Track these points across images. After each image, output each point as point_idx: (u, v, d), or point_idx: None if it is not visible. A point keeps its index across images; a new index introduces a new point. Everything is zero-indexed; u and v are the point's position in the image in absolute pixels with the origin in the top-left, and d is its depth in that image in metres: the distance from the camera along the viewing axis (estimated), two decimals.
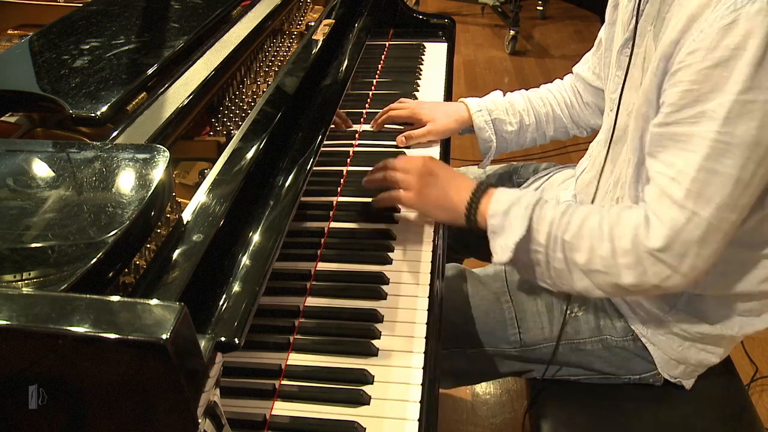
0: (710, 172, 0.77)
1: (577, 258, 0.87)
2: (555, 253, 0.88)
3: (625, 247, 0.83)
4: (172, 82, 0.87)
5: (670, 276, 0.82)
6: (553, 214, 0.90)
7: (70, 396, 0.49)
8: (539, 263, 0.91)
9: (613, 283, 0.85)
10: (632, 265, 0.83)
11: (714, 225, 0.79)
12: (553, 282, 0.92)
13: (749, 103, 0.73)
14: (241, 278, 0.67)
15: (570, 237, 0.87)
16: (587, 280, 0.87)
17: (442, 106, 1.32)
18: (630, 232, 0.83)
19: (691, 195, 0.78)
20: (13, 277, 0.51)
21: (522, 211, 0.90)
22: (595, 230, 0.86)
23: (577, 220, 0.88)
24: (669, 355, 1.01)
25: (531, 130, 1.29)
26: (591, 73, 1.25)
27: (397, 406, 0.77)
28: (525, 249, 0.91)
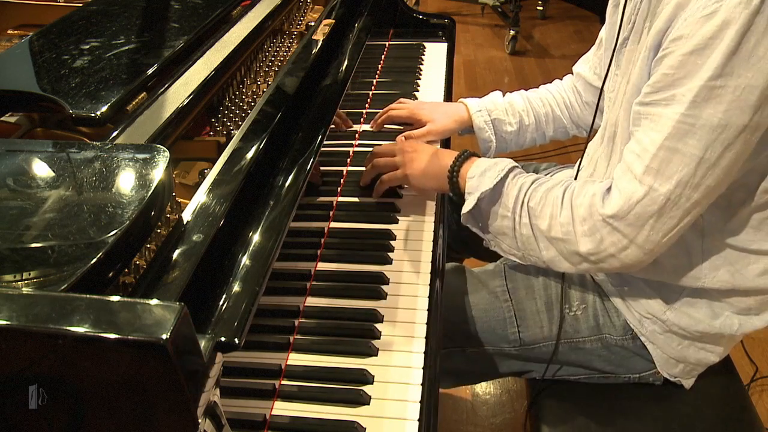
0: (671, 150, 0.79)
1: (540, 224, 0.90)
2: (521, 219, 0.93)
3: (583, 214, 0.87)
4: (172, 82, 0.87)
5: (626, 246, 0.85)
6: (523, 181, 0.95)
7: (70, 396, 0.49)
8: (507, 231, 0.95)
9: (573, 251, 0.88)
10: (589, 232, 0.86)
11: (672, 201, 0.81)
12: (522, 253, 0.95)
13: (718, 88, 0.75)
14: (241, 278, 0.67)
15: (534, 203, 0.92)
16: (553, 249, 0.91)
17: (441, 106, 1.32)
18: (587, 200, 0.87)
19: (650, 171, 0.81)
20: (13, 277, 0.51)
21: (496, 172, 0.95)
22: (557, 198, 0.90)
23: (544, 188, 0.92)
24: (668, 354, 1.02)
25: (531, 130, 1.29)
26: (592, 73, 1.25)
27: (397, 406, 0.77)
28: (493, 211, 0.96)
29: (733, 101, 0.75)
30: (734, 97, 0.75)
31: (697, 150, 0.78)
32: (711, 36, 0.75)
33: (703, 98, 0.76)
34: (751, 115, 0.76)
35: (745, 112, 0.76)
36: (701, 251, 0.93)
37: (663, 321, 0.99)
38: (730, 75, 0.75)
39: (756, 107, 0.76)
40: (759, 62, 0.74)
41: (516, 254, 0.97)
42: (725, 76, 0.75)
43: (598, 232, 0.85)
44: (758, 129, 0.79)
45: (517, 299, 1.08)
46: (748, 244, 0.93)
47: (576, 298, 1.06)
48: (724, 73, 0.75)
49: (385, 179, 1.09)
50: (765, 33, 0.73)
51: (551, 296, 1.07)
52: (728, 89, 0.75)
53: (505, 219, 0.94)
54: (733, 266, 0.93)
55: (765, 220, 0.91)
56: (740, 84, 0.75)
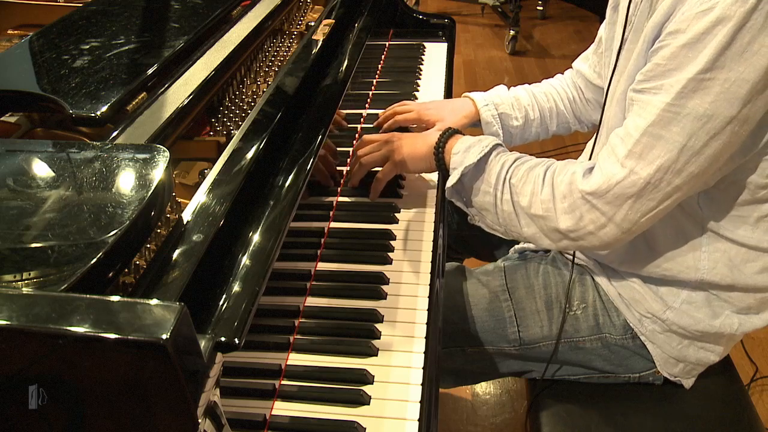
0: (655, 136, 0.81)
1: (522, 201, 0.91)
2: (503, 195, 0.94)
3: (563, 191, 0.88)
4: (172, 82, 0.87)
5: (605, 224, 0.86)
6: (506, 158, 0.96)
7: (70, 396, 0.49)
8: (489, 207, 0.96)
9: (553, 227, 0.89)
10: (569, 209, 0.87)
11: (652, 184, 0.82)
12: (505, 228, 0.97)
13: (707, 80, 0.76)
14: (241, 278, 0.67)
15: (516, 180, 0.93)
16: (533, 225, 0.92)
17: (447, 104, 1.32)
18: (567, 177, 0.88)
19: (632, 155, 0.82)
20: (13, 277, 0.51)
21: (480, 148, 0.96)
22: (539, 176, 0.91)
23: (526, 166, 0.93)
24: (668, 353, 1.02)
25: (535, 125, 1.29)
26: (591, 71, 1.25)
27: (397, 406, 0.77)
28: (476, 187, 0.96)
29: (721, 93, 0.76)
30: (723, 89, 0.76)
31: (680, 137, 0.79)
32: (704, 31, 0.75)
33: (691, 89, 0.77)
34: (740, 108, 0.77)
35: (733, 105, 0.77)
36: (701, 242, 0.94)
37: (663, 320, 0.99)
38: (720, 68, 0.75)
39: (745, 100, 0.76)
40: (752, 57, 0.74)
41: (498, 230, 0.98)
42: (715, 70, 0.76)
43: (578, 209, 0.87)
44: (747, 122, 0.79)
45: (516, 299, 1.08)
46: (746, 241, 0.93)
47: (576, 297, 1.06)
48: (715, 67, 0.76)
49: (379, 177, 1.09)
50: (761, 30, 0.73)
51: (551, 296, 1.07)
52: (717, 81, 0.76)
53: (487, 195, 0.95)
54: (732, 261, 0.94)
55: (763, 217, 0.92)
56: (730, 77, 0.75)
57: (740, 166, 0.87)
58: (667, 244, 0.95)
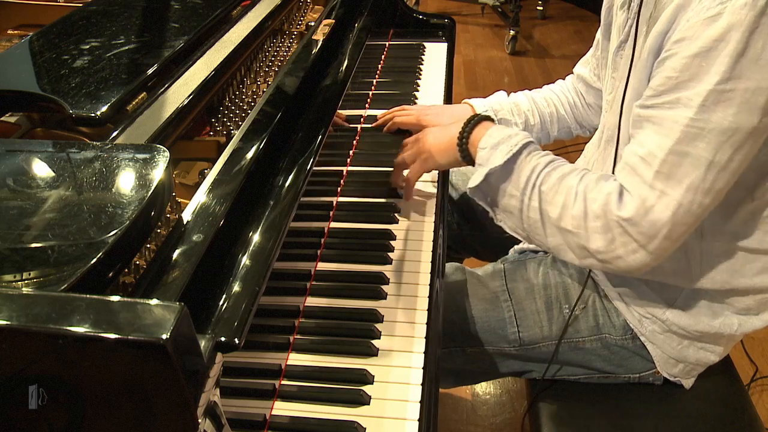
0: (681, 154, 0.78)
1: (551, 211, 0.88)
2: (530, 201, 0.90)
3: (596, 211, 0.85)
4: (172, 82, 0.87)
5: (636, 250, 0.83)
6: (537, 161, 0.91)
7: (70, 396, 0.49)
8: (513, 211, 0.93)
9: (581, 245, 0.87)
10: (601, 230, 0.84)
11: (684, 206, 0.80)
12: (527, 233, 0.93)
13: (727, 91, 0.75)
14: (241, 278, 0.67)
15: (546, 188, 0.89)
16: (560, 237, 0.89)
17: (447, 109, 1.32)
18: (602, 198, 0.85)
19: (660, 176, 0.80)
20: (13, 277, 0.51)
21: (509, 147, 0.92)
22: (571, 188, 0.87)
23: (558, 174, 0.89)
24: (668, 354, 1.02)
25: (536, 130, 1.28)
26: (591, 75, 1.25)
27: (397, 406, 0.77)
28: (502, 189, 0.93)
29: (743, 104, 0.75)
30: (743, 99, 0.74)
31: (706, 153, 0.77)
32: (716, 38, 0.74)
33: (713, 102, 0.75)
34: (760, 117, 0.75)
35: (754, 115, 0.75)
36: (700, 253, 0.93)
37: (663, 321, 0.99)
38: (738, 78, 0.74)
39: (765, 109, 0.75)
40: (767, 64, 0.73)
41: (520, 234, 0.95)
42: (734, 80, 0.74)
43: (611, 232, 0.84)
44: (766, 130, 0.78)
45: (516, 299, 1.08)
46: (746, 243, 0.93)
47: (576, 298, 1.06)
48: (733, 77, 0.74)
49: (408, 176, 1.07)
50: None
51: (551, 296, 1.07)
52: (737, 92, 0.74)
53: (513, 198, 0.92)
54: (731, 265, 0.93)
55: (764, 218, 0.91)
56: (749, 87, 0.74)
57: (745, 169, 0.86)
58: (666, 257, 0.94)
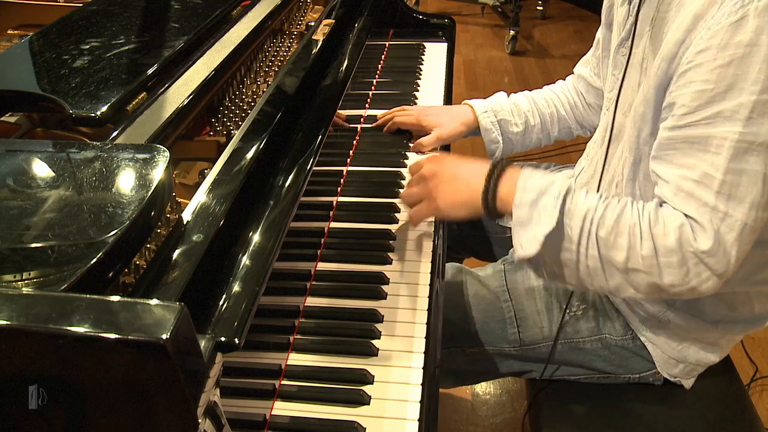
0: (737, 172, 0.76)
1: (616, 256, 0.82)
2: (588, 251, 0.83)
3: (671, 246, 0.79)
4: (172, 82, 0.87)
5: (709, 278, 0.80)
6: (586, 207, 0.84)
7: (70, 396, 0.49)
8: (567, 264, 0.86)
9: (652, 282, 0.82)
10: (676, 264, 0.80)
11: (749, 225, 0.77)
12: (579, 282, 0.87)
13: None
14: (241, 278, 0.67)
15: (605, 233, 0.82)
16: (621, 278, 0.83)
17: (447, 110, 1.32)
18: (674, 231, 0.79)
19: (721, 196, 0.77)
20: (13, 277, 0.51)
21: (552, 201, 0.84)
22: (634, 227, 0.82)
23: (613, 214, 0.83)
24: (668, 354, 1.02)
25: (536, 131, 1.28)
26: (592, 74, 1.25)
27: (397, 406, 0.77)
28: (554, 245, 0.85)
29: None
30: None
31: (759, 166, 0.75)
32: (747, 43, 0.72)
33: (759, 113, 0.73)
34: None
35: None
36: None
37: (663, 321, 0.99)
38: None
39: None
40: None
41: (571, 282, 0.88)
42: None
43: (686, 265, 0.79)
44: None
45: (517, 299, 1.08)
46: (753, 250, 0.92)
47: (576, 298, 1.06)
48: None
49: (411, 215, 0.98)
50: None
51: (551, 296, 1.07)
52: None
53: (567, 252, 0.84)
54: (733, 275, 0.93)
55: None
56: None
57: None
58: None
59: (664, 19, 0.85)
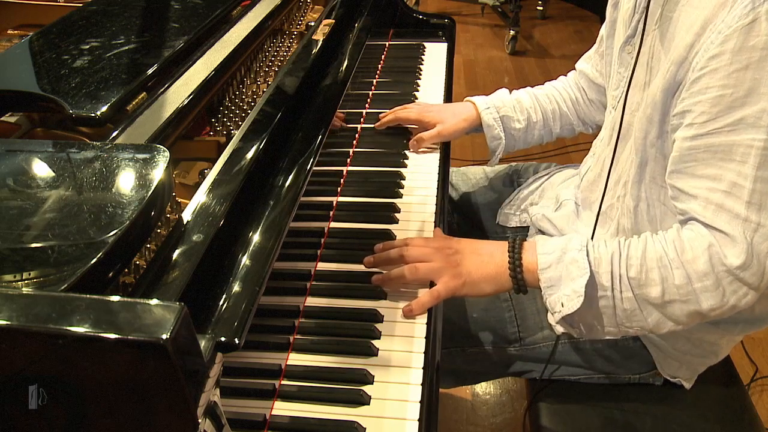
0: (765, 180, 0.74)
1: (651, 292, 0.82)
2: (623, 294, 0.83)
3: (703, 270, 0.79)
4: (172, 82, 0.87)
5: (746, 293, 0.79)
6: (610, 252, 0.85)
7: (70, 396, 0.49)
8: (606, 310, 0.85)
9: (692, 310, 0.81)
10: (711, 287, 0.79)
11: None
12: (619, 328, 0.87)
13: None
14: (241, 278, 0.67)
15: (635, 273, 0.83)
16: (658, 313, 0.83)
17: (449, 107, 1.31)
18: (703, 254, 0.79)
19: (752, 207, 0.75)
20: (13, 277, 0.51)
21: (577, 254, 0.85)
22: (662, 260, 0.81)
23: (637, 252, 0.83)
24: (668, 355, 1.02)
25: (538, 127, 1.28)
26: (594, 71, 1.25)
27: (397, 406, 0.77)
28: (590, 296, 0.84)
29: None
30: None
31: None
32: (763, 47, 0.71)
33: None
34: None
35: None
36: None
37: None
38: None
39: None
40: None
41: (611, 331, 0.88)
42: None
43: (721, 285, 0.79)
44: None
45: (517, 299, 1.08)
46: None
47: None
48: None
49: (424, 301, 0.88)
50: None
51: None
52: None
53: (602, 300, 0.84)
54: None
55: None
56: None
57: None
58: None
59: (671, 19, 0.85)
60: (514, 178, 1.39)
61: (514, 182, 1.38)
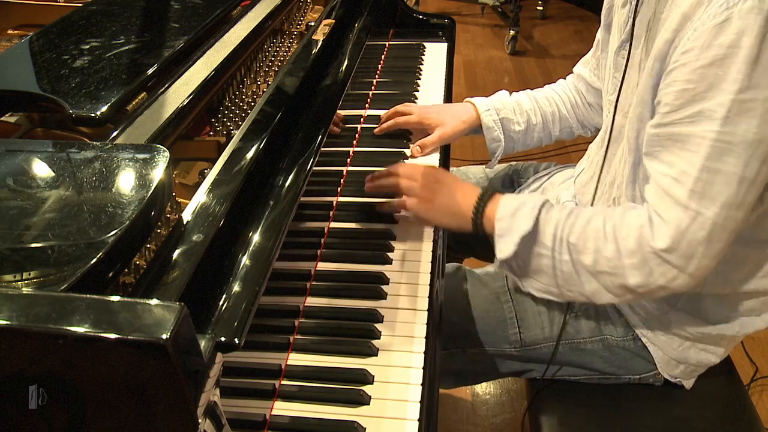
0: (713, 171, 0.77)
1: (584, 259, 0.86)
2: (561, 256, 0.88)
3: (631, 247, 0.83)
4: (172, 82, 0.87)
5: (676, 276, 0.82)
6: (558, 216, 0.90)
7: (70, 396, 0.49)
8: (545, 270, 0.90)
9: (620, 284, 0.85)
10: (638, 265, 0.83)
11: (719, 224, 0.78)
12: (560, 290, 0.91)
13: (748, 101, 0.73)
14: (241, 278, 0.67)
15: (575, 239, 0.87)
16: (595, 282, 0.87)
17: (448, 108, 1.31)
18: (635, 232, 0.83)
19: (694, 195, 0.78)
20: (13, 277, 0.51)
21: (528, 211, 0.90)
22: (599, 231, 0.86)
23: (582, 221, 0.88)
24: (669, 355, 1.02)
25: (538, 129, 1.28)
26: (592, 75, 1.25)
27: (397, 406, 0.77)
28: (530, 251, 0.90)
29: (764, 114, 0.73)
30: (764, 109, 0.73)
31: (736, 168, 0.76)
32: (729, 45, 0.73)
33: (735, 113, 0.74)
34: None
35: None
36: None
37: (664, 322, 0.99)
38: (756, 87, 0.73)
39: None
40: None
41: (552, 291, 0.92)
42: (753, 89, 0.73)
43: (647, 265, 0.82)
44: None
45: (517, 300, 1.08)
46: (750, 248, 0.92)
47: None
48: (751, 86, 0.73)
49: (400, 204, 1.02)
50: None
51: None
52: (758, 103, 0.73)
53: (543, 258, 0.90)
54: (735, 269, 0.93)
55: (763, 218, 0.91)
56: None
57: None
58: None
59: (660, 21, 0.85)
60: (514, 178, 1.39)
61: (514, 182, 1.38)
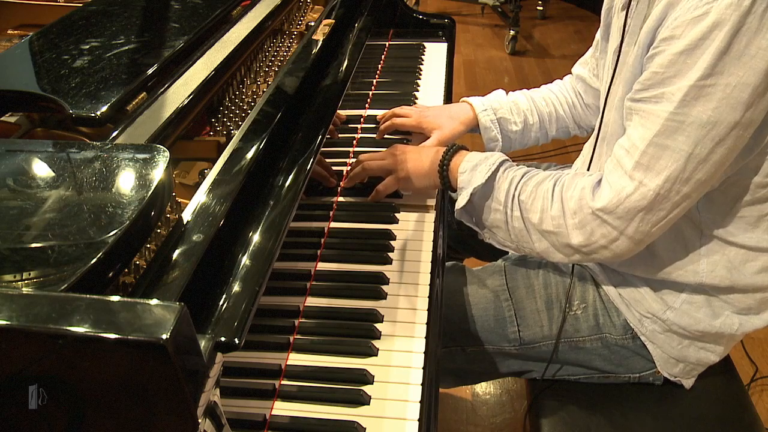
0: (661, 147, 0.81)
1: (532, 218, 0.92)
2: (513, 212, 0.94)
3: (573, 207, 0.88)
4: (172, 82, 0.87)
5: (616, 238, 0.86)
6: (514, 174, 0.96)
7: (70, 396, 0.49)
8: (500, 224, 0.97)
9: (564, 243, 0.90)
10: (579, 225, 0.88)
11: (662, 195, 0.82)
12: (516, 245, 0.97)
13: (708, 86, 0.76)
14: (241, 278, 0.67)
15: (525, 197, 0.93)
16: (545, 241, 0.92)
17: (446, 109, 1.31)
18: (578, 193, 0.88)
19: (639, 167, 0.82)
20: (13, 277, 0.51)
21: (487, 167, 0.96)
22: (548, 191, 0.91)
23: (534, 181, 0.94)
24: (668, 354, 1.02)
25: (534, 129, 1.28)
26: (590, 75, 1.25)
27: (397, 406, 0.77)
28: (484, 205, 0.97)
29: (723, 99, 0.76)
30: (724, 94, 0.76)
31: (686, 146, 0.79)
32: (701, 37, 0.75)
33: (693, 97, 0.77)
34: (743, 112, 0.77)
35: (736, 109, 0.77)
36: (699, 247, 0.94)
37: (663, 320, 0.99)
38: (720, 74, 0.75)
39: (748, 104, 0.76)
40: (751, 61, 0.74)
41: (510, 246, 0.98)
42: (715, 75, 0.76)
43: (588, 225, 0.87)
44: (751, 125, 0.79)
45: (517, 298, 1.08)
46: (745, 241, 0.93)
47: (576, 297, 1.06)
48: (715, 72, 0.75)
49: (380, 189, 1.10)
50: (756, 32, 0.73)
51: (551, 295, 1.07)
52: (718, 87, 0.76)
53: (497, 212, 0.96)
54: (731, 263, 0.94)
55: (762, 216, 0.92)
56: (731, 82, 0.75)
57: (741, 167, 0.87)
58: (666, 249, 0.95)
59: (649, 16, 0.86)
60: None
61: None
